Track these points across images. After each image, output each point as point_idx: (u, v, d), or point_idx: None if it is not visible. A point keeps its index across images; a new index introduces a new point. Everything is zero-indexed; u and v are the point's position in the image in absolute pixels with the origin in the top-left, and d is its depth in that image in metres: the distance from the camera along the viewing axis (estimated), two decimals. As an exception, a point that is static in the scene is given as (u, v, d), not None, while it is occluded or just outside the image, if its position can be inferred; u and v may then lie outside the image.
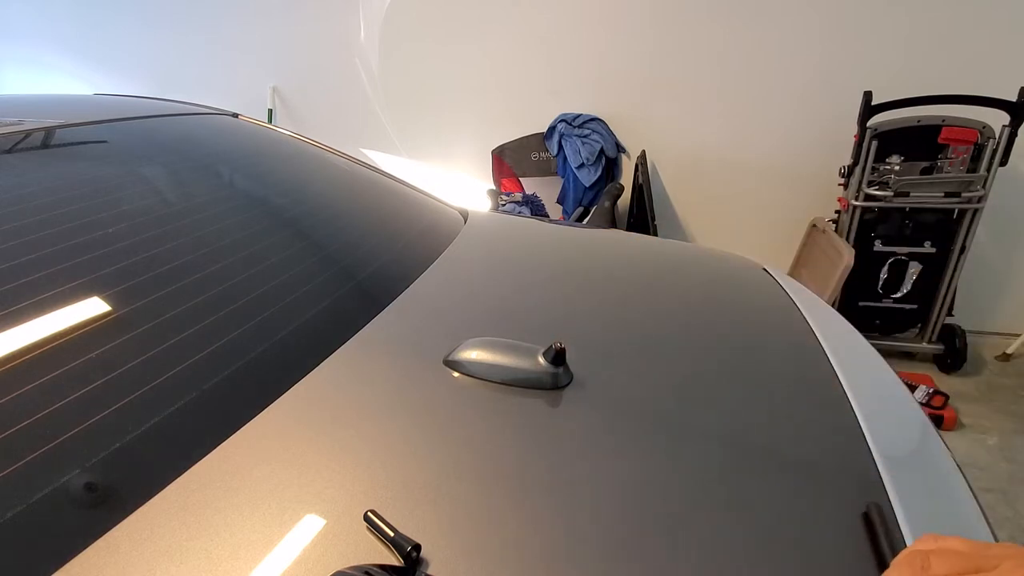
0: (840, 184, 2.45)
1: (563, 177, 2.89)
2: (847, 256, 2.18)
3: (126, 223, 0.88)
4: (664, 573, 0.53)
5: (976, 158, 2.22)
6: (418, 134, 3.31)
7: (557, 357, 0.75)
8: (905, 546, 0.57)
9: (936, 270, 2.36)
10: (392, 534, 0.52)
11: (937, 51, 2.37)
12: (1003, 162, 2.16)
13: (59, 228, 0.81)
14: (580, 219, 2.83)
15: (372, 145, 3.39)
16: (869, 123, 2.24)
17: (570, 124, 2.84)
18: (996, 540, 0.64)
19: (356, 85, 3.27)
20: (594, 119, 2.83)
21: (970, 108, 2.11)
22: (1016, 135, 2.12)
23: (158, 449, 0.60)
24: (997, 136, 2.14)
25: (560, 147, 2.85)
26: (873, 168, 2.29)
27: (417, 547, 0.51)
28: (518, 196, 2.97)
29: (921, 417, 0.88)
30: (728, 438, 0.71)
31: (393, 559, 0.51)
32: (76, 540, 0.50)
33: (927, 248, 2.33)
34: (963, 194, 2.21)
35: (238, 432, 0.63)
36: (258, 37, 3.34)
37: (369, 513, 0.54)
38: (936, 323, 2.45)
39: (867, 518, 0.60)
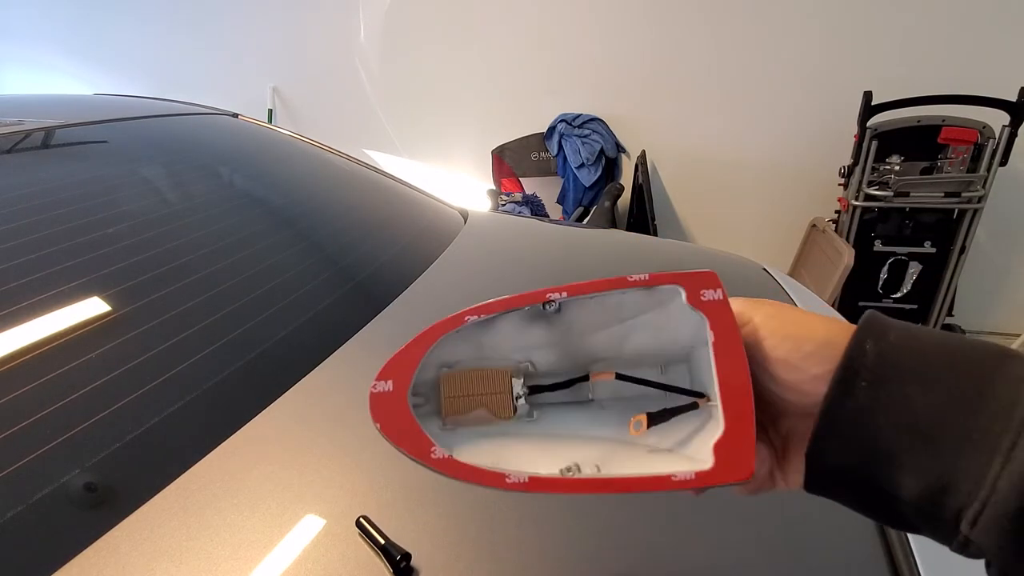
0: (840, 184, 2.45)
1: (563, 177, 2.89)
2: (847, 256, 2.18)
3: (126, 223, 0.88)
4: None
5: (976, 158, 2.22)
6: (418, 134, 3.31)
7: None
8: (912, 551, 0.56)
9: (936, 270, 2.35)
10: (383, 541, 0.52)
11: (937, 51, 2.37)
12: (1003, 162, 2.16)
13: (59, 228, 0.81)
14: (580, 219, 2.83)
15: (372, 145, 3.39)
16: (869, 123, 2.24)
17: (570, 124, 2.83)
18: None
19: (356, 85, 3.28)
20: (594, 119, 2.83)
21: (970, 108, 2.11)
22: (1016, 135, 2.12)
23: (158, 449, 0.60)
24: (997, 136, 2.14)
25: (560, 147, 2.84)
26: (873, 168, 2.29)
27: (407, 556, 0.51)
28: (518, 196, 2.97)
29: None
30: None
31: (383, 566, 0.51)
32: (76, 540, 0.50)
33: (927, 248, 2.33)
34: (963, 194, 2.21)
35: (238, 432, 0.63)
36: (258, 37, 3.34)
37: (361, 519, 0.54)
38: (936, 323, 2.45)
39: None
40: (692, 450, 0.35)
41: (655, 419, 0.36)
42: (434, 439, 0.35)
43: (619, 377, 0.38)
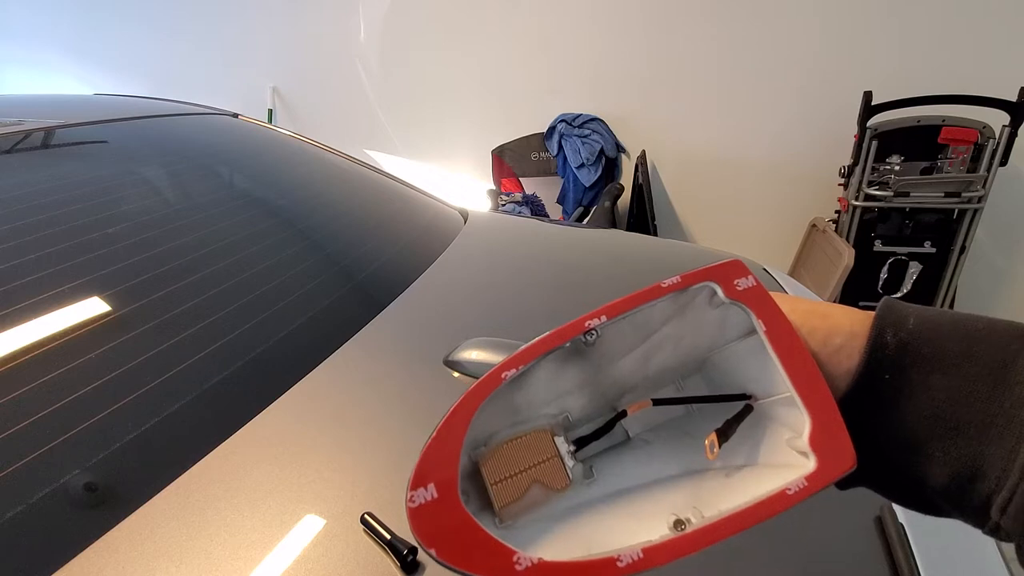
0: (840, 184, 2.45)
1: (563, 177, 2.89)
2: (847, 256, 2.18)
3: (126, 223, 0.88)
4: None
5: (976, 158, 2.21)
6: (418, 134, 3.31)
7: (557, 357, 0.75)
8: (912, 551, 0.56)
9: (936, 270, 2.35)
10: (389, 536, 0.52)
11: (937, 51, 2.37)
12: (1003, 162, 2.16)
13: (59, 228, 0.81)
14: (580, 219, 2.83)
15: (372, 145, 3.39)
16: (869, 123, 2.24)
17: (570, 124, 2.84)
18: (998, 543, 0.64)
19: (356, 85, 3.28)
20: (594, 119, 2.83)
21: (970, 108, 2.11)
22: (1016, 135, 2.11)
23: (158, 449, 0.60)
24: (997, 136, 2.14)
25: (560, 147, 2.85)
26: (873, 168, 2.29)
27: (414, 549, 0.51)
28: (518, 196, 2.97)
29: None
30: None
31: (390, 562, 0.51)
32: (76, 540, 0.50)
33: (927, 248, 2.33)
34: (963, 194, 2.21)
35: (238, 432, 0.63)
36: (258, 37, 3.34)
37: (366, 515, 0.54)
38: (936, 323, 2.44)
39: (880, 523, 0.59)
40: (765, 457, 0.32)
41: (722, 435, 0.32)
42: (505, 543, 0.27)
43: (656, 402, 0.34)
